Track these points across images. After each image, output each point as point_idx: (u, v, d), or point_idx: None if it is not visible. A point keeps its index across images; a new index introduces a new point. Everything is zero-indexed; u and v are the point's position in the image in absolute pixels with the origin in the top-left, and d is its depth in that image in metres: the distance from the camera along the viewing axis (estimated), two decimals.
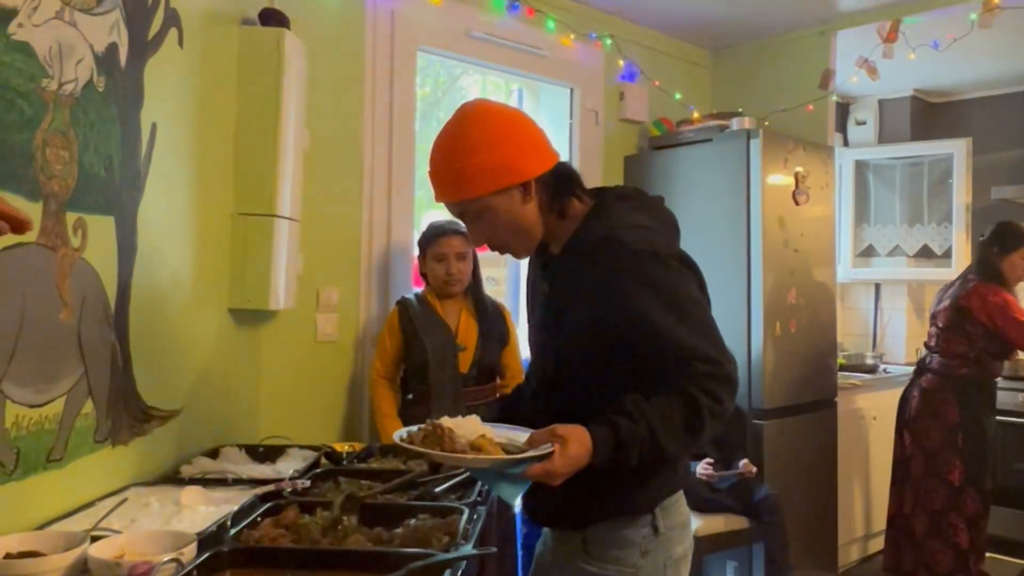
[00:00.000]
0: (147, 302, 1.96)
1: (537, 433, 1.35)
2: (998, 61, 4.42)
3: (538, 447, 1.32)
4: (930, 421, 3.67)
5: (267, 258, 2.37)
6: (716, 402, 1.36)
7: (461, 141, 1.46)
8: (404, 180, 3.02)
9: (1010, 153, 4.89)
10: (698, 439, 1.38)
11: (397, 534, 1.63)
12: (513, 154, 1.46)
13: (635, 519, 1.49)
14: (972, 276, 3.70)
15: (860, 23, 3.83)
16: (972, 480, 3.58)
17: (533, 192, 1.48)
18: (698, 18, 3.88)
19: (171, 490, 1.84)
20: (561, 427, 1.32)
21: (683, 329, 1.38)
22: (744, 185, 3.44)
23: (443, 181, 1.48)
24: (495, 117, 1.48)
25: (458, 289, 2.76)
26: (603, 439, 1.32)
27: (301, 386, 2.72)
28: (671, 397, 1.36)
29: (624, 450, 1.32)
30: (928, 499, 3.65)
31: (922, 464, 3.68)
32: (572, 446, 1.30)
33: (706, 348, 1.38)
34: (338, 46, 2.82)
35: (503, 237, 1.51)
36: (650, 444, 1.33)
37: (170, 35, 2.03)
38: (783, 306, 3.49)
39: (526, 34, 3.42)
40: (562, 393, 1.54)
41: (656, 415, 1.33)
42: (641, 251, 1.42)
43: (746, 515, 3.22)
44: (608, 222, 1.48)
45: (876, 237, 5.04)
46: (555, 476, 1.30)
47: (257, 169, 2.38)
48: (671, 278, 1.42)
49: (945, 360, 3.68)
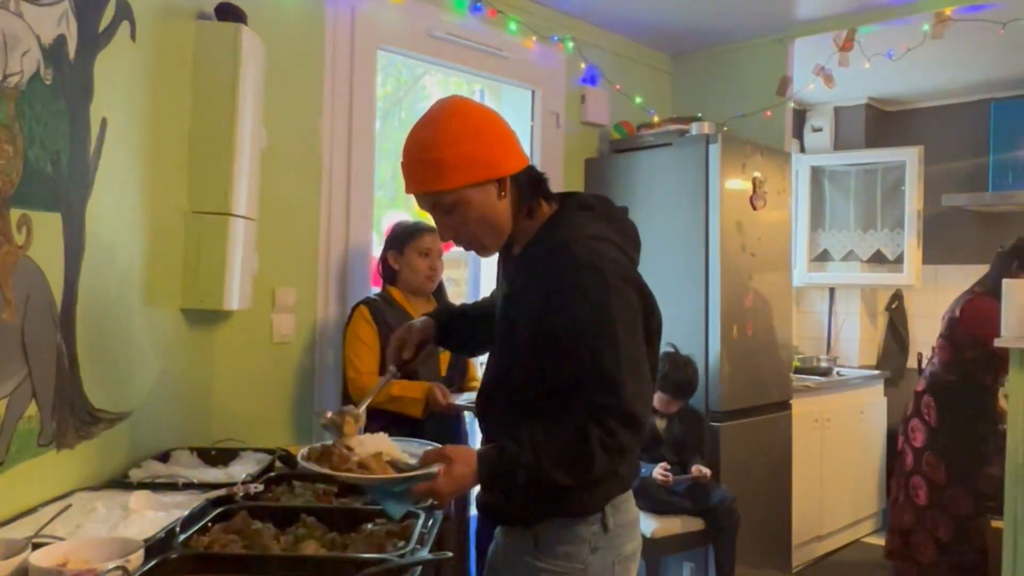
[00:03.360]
0: (96, 302, 1.91)
1: (428, 452, 1.41)
2: (950, 71, 4.53)
3: (427, 466, 1.38)
4: (917, 422, 3.84)
5: (222, 257, 2.33)
6: (610, 436, 1.37)
7: (442, 132, 1.44)
8: (364, 180, 2.99)
9: (960, 162, 5.01)
10: (589, 471, 1.39)
11: (351, 539, 1.61)
12: (492, 149, 1.46)
13: (585, 517, 1.50)
14: (979, 288, 3.74)
15: (817, 32, 3.89)
16: (959, 481, 3.69)
17: (508, 189, 1.48)
18: (659, 23, 3.91)
19: (119, 495, 1.79)
20: (451, 448, 1.40)
21: (605, 352, 1.39)
22: (703, 189, 3.47)
23: (419, 171, 1.45)
24: (475, 112, 1.49)
25: (434, 286, 2.73)
26: (490, 463, 1.37)
27: (256, 388, 2.67)
28: (565, 426, 1.38)
29: (508, 475, 1.37)
30: (915, 494, 3.82)
31: (912, 461, 3.85)
32: (458, 467, 1.36)
33: (618, 379, 1.38)
34: (297, 44, 2.78)
35: (474, 232, 1.49)
36: (535, 470, 1.36)
37: (122, 28, 1.98)
38: (740, 309, 3.53)
39: (488, 35, 3.41)
40: (506, 395, 1.54)
41: (546, 444, 1.36)
42: (588, 267, 1.41)
43: (703, 517, 3.24)
44: (565, 232, 1.48)
45: (831, 242, 5.13)
46: (440, 495, 1.36)
47: (212, 166, 2.33)
48: (612, 301, 1.41)
49: (935, 366, 3.83)
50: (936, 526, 3.74)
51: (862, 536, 4.75)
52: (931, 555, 3.76)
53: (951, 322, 3.75)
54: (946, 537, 3.71)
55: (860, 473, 4.73)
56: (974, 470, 3.68)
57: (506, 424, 1.48)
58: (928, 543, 3.77)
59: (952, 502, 3.70)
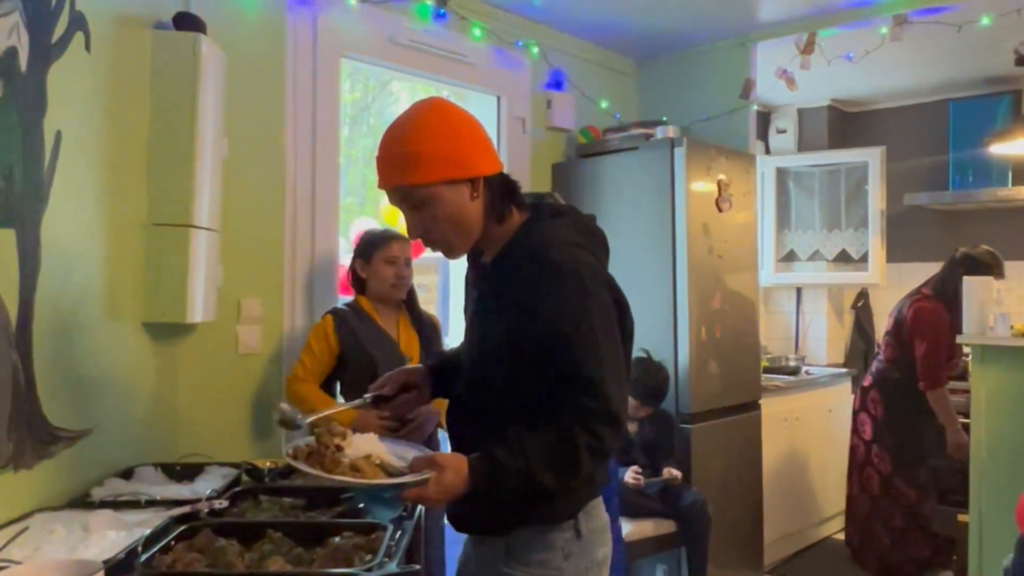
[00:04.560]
0: (53, 318, 1.88)
1: (418, 458, 1.41)
2: (909, 73, 4.60)
3: (417, 472, 1.37)
4: (865, 416, 3.98)
5: (183, 270, 2.30)
6: (596, 439, 1.39)
7: (420, 127, 1.45)
8: (329, 188, 2.96)
9: (921, 161, 5.09)
10: (576, 474, 1.41)
11: (318, 554, 1.59)
12: (469, 149, 1.47)
13: (558, 524, 1.50)
14: (927, 290, 3.84)
15: (778, 35, 3.94)
16: (900, 473, 3.83)
17: (481, 191, 1.48)
18: (624, 28, 3.93)
19: (79, 515, 1.76)
20: (441, 455, 1.40)
21: (587, 356, 1.40)
22: (669, 192, 3.49)
23: (394, 164, 1.45)
24: (454, 112, 1.50)
25: (402, 295, 2.71)
26: (480, 470, 1.37)
27: (222, 401, 2.64)
28: (550, 431, 1.39)
29: (499, 482, 1.37)
30: (869, 485, 3.94)
31: (863, 453, 3.97)
32: (448, 475, 1.35)
33: (600, 382, 1.40)
34: (259, 53, 2.75)
35: (443, 231, 1.48)
36: (525, 477, 1.36)
37: (76, 39, 1.95)
38: (708, 311, 3.56)
39: (452, 41, 3.40)
40: (484, 400, 1.52)
41: (535, 449, 1.37)
42: (567, 272, 1.42)
43: (675, 519, 3.26)
44: (540, 238, 1.48)
45: (797, 242, 5.19)
46: (429, 501, 1.37)
47: (172, 178, 2.30)
48: (590, 305, 1.43)
49: (882, 362, 3.97)
50: (891, 515, 3.86)
51: (833, 532, 4.79)
52: (887, 543, 3.88)
53: (899, 321, 3.87)
54: (900, 525, 3.84)
55: (829, 470, 4.77)
56: (915, 463, 3.81)
57: (480, 431, 1.47)
58: (884, 532, 3.89)
59: (898, 492, 3.84)
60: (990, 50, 4.12)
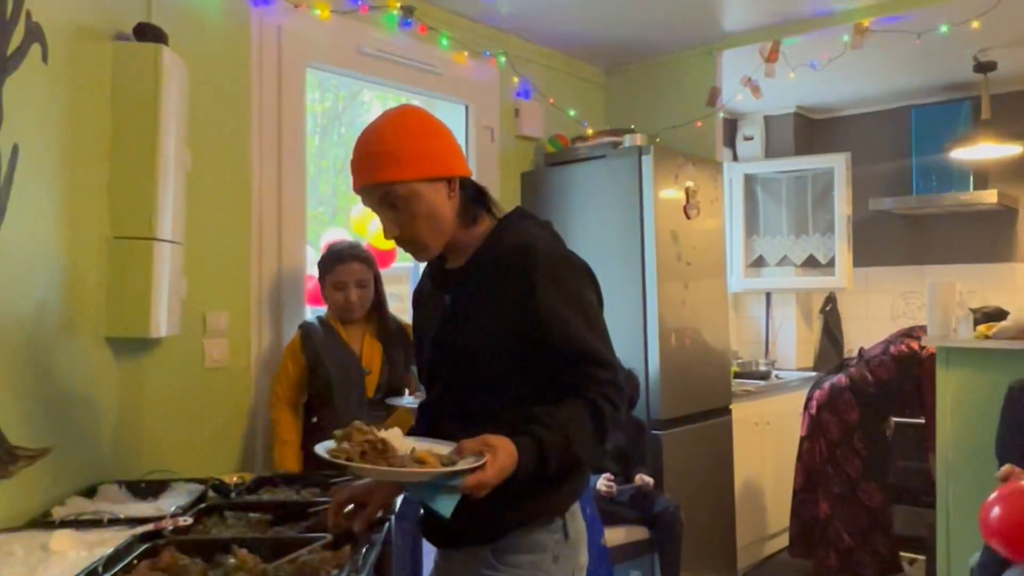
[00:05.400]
0: (10, 335, 1.84)
1: (467, 442, 1.34)
2: (872, 80, 4.67)
3: (468, 456, 1.32)
4: (830, 416, 3.87)
5: (147, 283, 2.26)
6: (615, 409, 1.44)
7: (398, 127, 1.48)
8: (296, 199, 2.94)
9: (885, 166, 5.17)
10: (603, 445, 1.47)
11: (284, 569, 1.57)
12: (447, 149, 1.51)
13: (548, 523, 1.50)
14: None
15: (743, 43, 3.98)
16: (872, 476, 3.79)
17: (456, 192, 1.52)
18: (591, 37, 3.95)
19: (39, 535, 1.72)
20: (492, 437, 1.33)
21: (587, 332, 1.46)
22: (637, 200, 3.51)
23: (374, 162, 1.46)
24: (428, 116, 1.54)
25: (357, 316, 2.72)
26: (527, 449, 1.35)
27: (189, 416, 2.60)
28: (576, 405, 1.42)
29: (545, 459, 1.36)
30: (828, 484, 3.87)
31: (825, 452, 3.89)
32: (501, 455, 1.31)
33: (605, 354, 1.46)
34: (222, 63, 2.73)
35: (419, 229, 1.49)
36: (566, 452, 1.38)
37: (32, 50, 1.91)
38: (678, 318, 3.58)
39: (419, 51, 3.40)
40: (469, 398, 1.53)
41: (570, 424, 1.39)
42: (553, 256, 1.49)
43: (647, 525, 3.27)
44: (519, 235, 1.52)
45: (766, 248, 5.24)
46: (487, 487, 1.31)
47: (134, 191, 2.26)
48: (577, 283, 1.50)
49: (868, 376, 3.81)
50: (855, 514, 3.82)
51: None
52: (848, 543, 3.84)
53: (913, 358, 3.67)
54: (864, 524, 3.82)
55: None
56: (885, 466, 3.81)
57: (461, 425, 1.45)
58: (845, 531, 3.85)
59: (866, 494, 3.81)
60: (950, 57, 4.20)
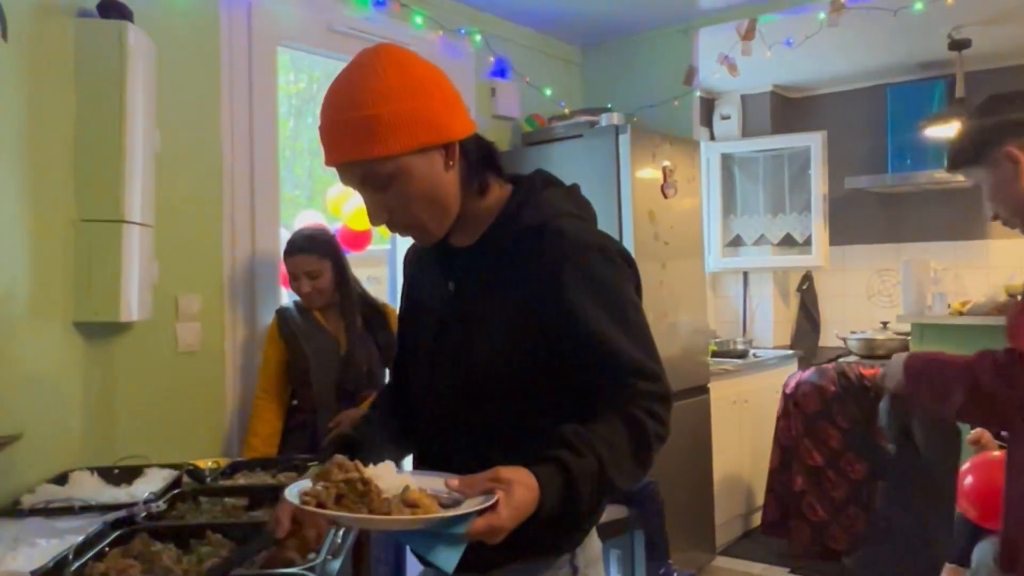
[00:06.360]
0: None
1: (472, 478, 1.03)
2: (848, 58, 4.68)
3: (474, 495, 1.02)
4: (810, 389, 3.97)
5: (116, 267, 2.22)
6: (661, 424, 1.16)
7: (375, 85, 1.14)
8: (268, 181, 2.89)
9: (861, 145, 5.18)
10: (646, 468, 1.16)
11: (258, 554, 1.55)
12: (438, 107, 1.17)
13: (553, 560, 1.25)
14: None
15: (720, 21, 3.96)
16: (854, 447, 3.86)
17: (456, 159, 1.21)
18: (567, 15, 3.91)
19: (8, 524, 1.70)
20: (505, 469, 1.02)
21: (624, 338, 1.18)
22: (615, 180, 3.49)
23: (347, 134, 1.14)
24: (414, 62, 1.19)
25: (318, 304, 2.70)
26: (551, 481, 1.03)
27: (163, 401, 2.57)
28: (613, 422, 1.11)
29: (575, 491, 1.05)
30: (804, 458, 3.95)
31: (800, 427, 3.97)
32: (519, 491, 1.00)
33: (647, 362, 1.18)
34: (191, 42, 2.67)
35: (415, 212, 1.20)
36: (599, 480, 1.07)
37: None
38: (656, 298, 3.57)
39: (392, 29, 3.35)
40: (479, 410, 1.25)
41: (603, 446, 1.08)
42: (584, 244, 1.21)
43: (626, 504, 3.28)
44: (540, 211, 1.25)
45: (743, 227, 5.26)
46: (500, 532, 0.98)
47: (101, 172, 2.22)
48: (614, 278, 1.22)
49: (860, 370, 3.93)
50: (833, 486, 3.88)
51: None
52: (823, 515, 3.90)
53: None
54: (841, 498, 3.87)
55: None
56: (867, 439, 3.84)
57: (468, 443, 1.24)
58: (820, 503, 3.91)
59: (849, 465, 3.87)
60: (925, 35, 4.21)
